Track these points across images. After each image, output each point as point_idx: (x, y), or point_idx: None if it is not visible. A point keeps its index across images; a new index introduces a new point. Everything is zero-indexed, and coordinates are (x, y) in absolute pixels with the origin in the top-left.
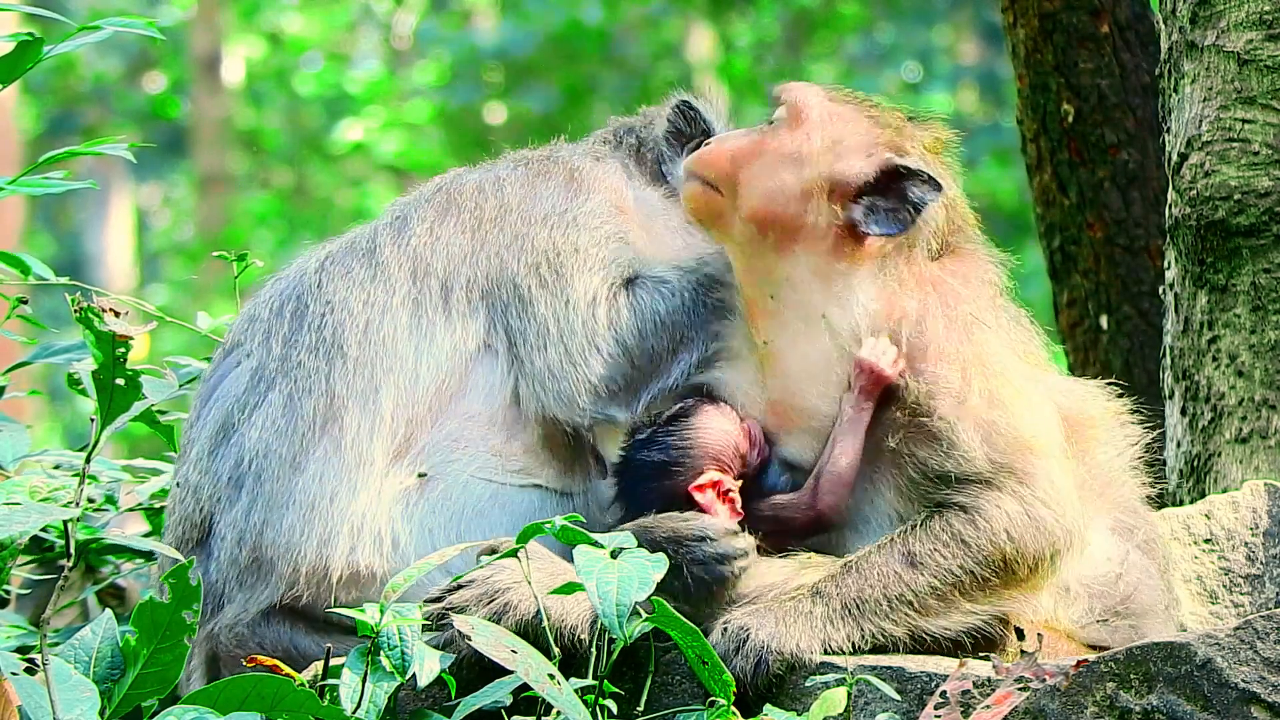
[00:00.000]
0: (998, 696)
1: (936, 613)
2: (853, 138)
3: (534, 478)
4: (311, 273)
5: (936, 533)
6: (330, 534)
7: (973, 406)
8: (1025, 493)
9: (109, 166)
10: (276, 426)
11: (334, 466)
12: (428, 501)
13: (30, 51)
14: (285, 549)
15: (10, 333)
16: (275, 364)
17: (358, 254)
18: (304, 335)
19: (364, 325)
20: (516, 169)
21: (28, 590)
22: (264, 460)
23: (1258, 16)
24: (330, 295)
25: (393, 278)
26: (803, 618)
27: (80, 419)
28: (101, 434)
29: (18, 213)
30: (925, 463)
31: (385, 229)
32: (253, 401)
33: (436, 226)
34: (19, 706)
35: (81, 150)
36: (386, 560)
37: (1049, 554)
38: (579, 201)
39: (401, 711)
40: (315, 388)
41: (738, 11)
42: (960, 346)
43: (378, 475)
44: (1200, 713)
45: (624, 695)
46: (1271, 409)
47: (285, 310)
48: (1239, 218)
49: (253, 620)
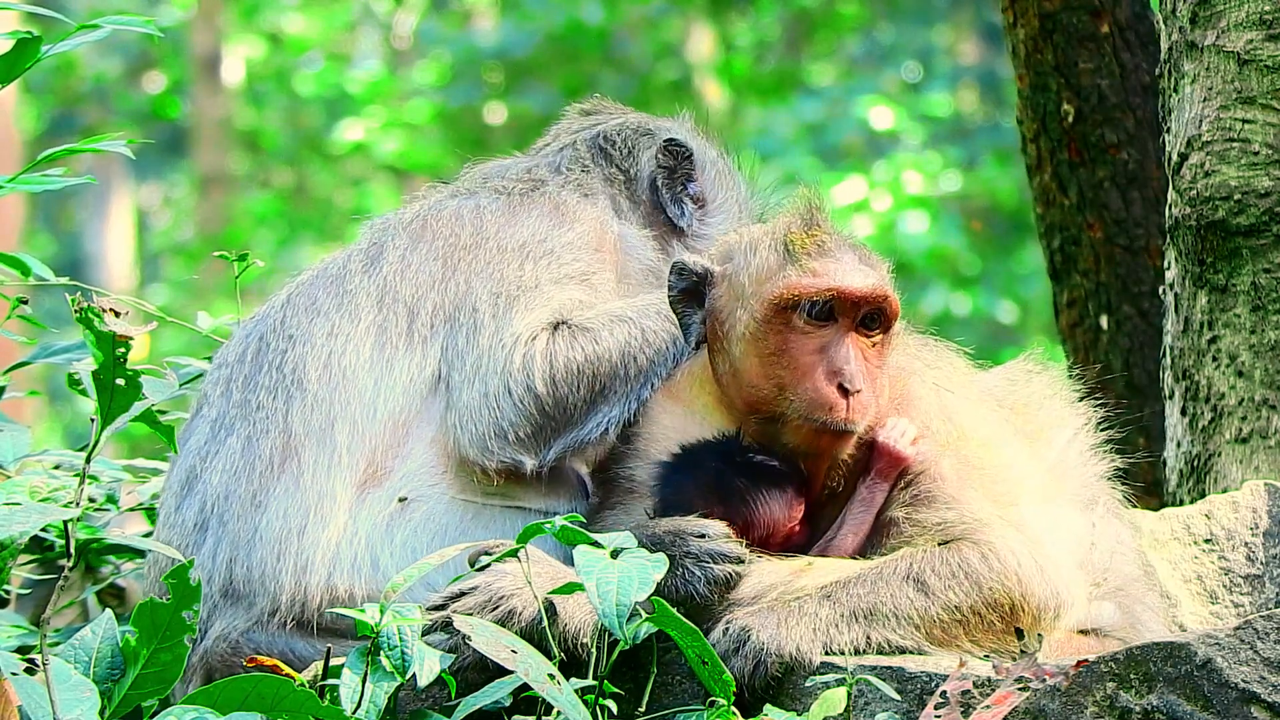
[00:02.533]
0: (998, 696)
1: (939, 642)
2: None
3: (515, 499)
4: (278, 307)
5: (950, 564)
6: (305, 563)
7: (965, 467)
8: (1028, 535)
9: (109, 166)
10: (235, 469)
11: (297, 502)
12: (410, 524)
13: (29, 50)
14: (260, 581)
15: (10, 333)
16: (235, 410)
17: (326, 282)
18: (263, 376)
19: (325, 357)
20: (498, 198)
21: (28, 590)
22: (225, 503)
23: (1258, 16)
24: (293, 329)
25: (359, 306)
26: (807, 619)
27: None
28: (101, 434)
29: (18, 212)
30: (928, 519)
31: (359, 256)
32: (213, 450)
33: (409, 254)
34: (19, 706)
35: (81, 148)
36: (367, 582)
37: (1053, 606)
38: (557, 234)
39: (401, 711)
40: (272, 428)
41: (738, 11)
42: (939, 417)
43: (346, 506)
44: (1200, 713)
45: (624, 695)
46: (1271, 409)
47: (247, 354)
48: (1239, 218)
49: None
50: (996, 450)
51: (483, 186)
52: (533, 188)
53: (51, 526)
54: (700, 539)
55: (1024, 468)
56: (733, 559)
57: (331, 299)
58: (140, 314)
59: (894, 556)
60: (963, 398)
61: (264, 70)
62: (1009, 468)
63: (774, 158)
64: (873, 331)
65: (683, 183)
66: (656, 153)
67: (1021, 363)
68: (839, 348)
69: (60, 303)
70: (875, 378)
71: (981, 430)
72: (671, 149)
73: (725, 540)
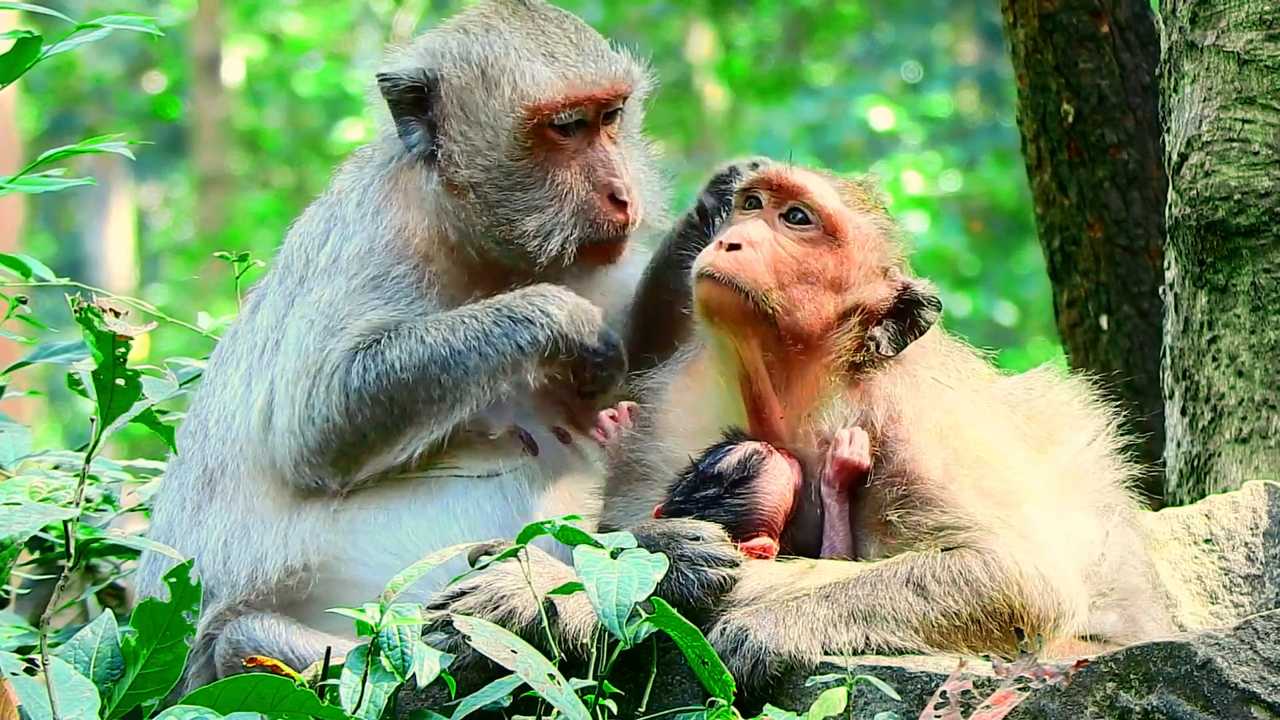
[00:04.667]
0: (998, 696)
1: (938, 645)
2: (875, 257)
3: (453, 469)
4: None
5: (950, 569)
6: (260, 554)
7: (958, 466)
8: (1028, 543)
9: (109, 167)
10: (174, 503)
11: (234, 512)
12: (354, 504)
13: (29, 50)
14: (215, 579)
15: (10, 333)
16: (174, 461)
17: (230, 333)
18: (190, 420)
19: (219, 407)
20: (315, 211)
21: (28, 590)
22: (170, 530)
23: (1258, 16)
24: (208, 377)
25: (239, 356)
26: (804, 618)
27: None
28: (101, 434)
29: (18, 213)
30: (925, 523)
31: (249, 304)
32: (161, 496)
33: (272, 294)
34: (19, 706)
35: (81, 149)
36: (319, 553)
37: (1053, 616)
38: (352, 243)
39: (401, 711)
40: (194, 464)
41: (738, 11)
42: (931, 412)
43: (284, 512)
44: (1200, 713)
45: (624, 695)
46: (1271, 409)
47: (191, 406)
48: (1239, 218)
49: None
50: (997, 448)
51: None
52: (335, 198)
53: (51, 526)
54: (694, 541)
55: (1029, 468)
56: (727, 562)
57: (230, 347)
58: (140, 314)
59: (895, 560)
60: (963, 394)
61: (264, 70)
62: (1011, 467)
63: (774, 158)
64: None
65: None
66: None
67: (1042, 372)
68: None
69: (60, 303)
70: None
71: (982, 427)
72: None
73: (719, 543)
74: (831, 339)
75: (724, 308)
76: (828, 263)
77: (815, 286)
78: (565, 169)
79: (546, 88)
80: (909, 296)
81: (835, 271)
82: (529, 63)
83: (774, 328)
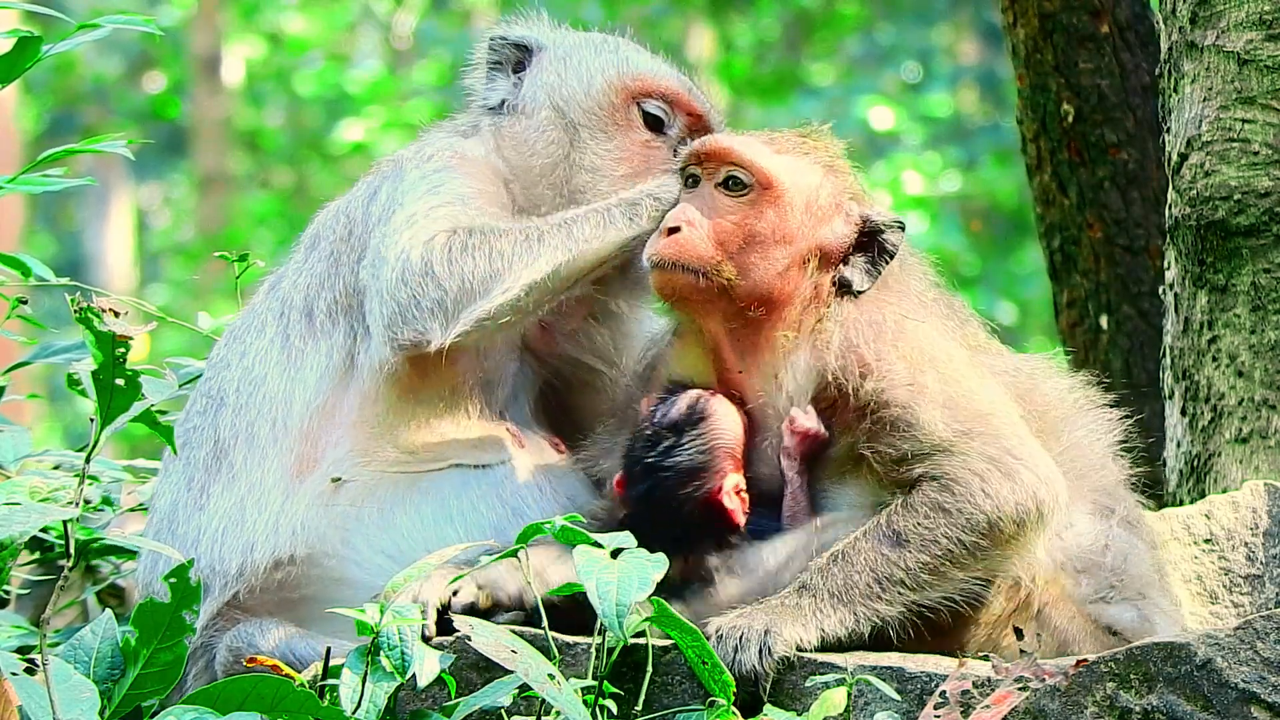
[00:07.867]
0: (998, 696)
1: (931, 586)
2: (823, 197)
3: (448, 459)
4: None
5: (916, 507)
6: (251, 542)
7: (924, 387)
8: (992, 451)
9: (109, 167)
10: (178, 484)
11: (233, 494)
12: (347, 496)
13: (29, 50)
14: (209, 571)
15: (10, 333)
16: (180, 439)
17: (244, 313)
18: (197, 403)
19: (240, 373)
20: (362, 181)
21: (28, 590)
22: (174, 514)
23: (1258, 16)
24: (216, 359)
25: (263, 322)
26: (791, 611)
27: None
28: (101, 434)
29: (18, 213)
30: (891, 450)
31: (270, 279)
32: (162, 483)
33: (302, 264)
34: (19, 706)
35: (80, 148)
36: (308, 545)
37: (1032, 505)
38: (403, 185)
39: (401, 711)
40: (205, 440)
41: (738, 11)
42: (898, 342)
43: (281, 492)
44: (1200, 713)
45: (624, 695)
46: (1271, 409)
47: (194, 394)
48: (1239, 218)
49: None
50: (967, 375)
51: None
52: (390, 160)
53: (51, 526)
54: None
55: (1000, 393)
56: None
57: (243, 323)
58: (140, 314)
59: (865, 527)
60: (936, 329)
61: (264, 70)
62: (979, 391)
63: None
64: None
65: (518, 61)
66: (485, 56)
67: (1043, 357)
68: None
69: (60, 303)
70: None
71: (955, 360)
72: (495, 45)
73: None
74: (795, 291)
75: (678, 290)
76: (770, 218)
77: (765, 245)
78: (633, 151)
79: (651, 70)
80: (870, 227)
81: (781, 224)
82: (642, 55)
83: (733, 297)
